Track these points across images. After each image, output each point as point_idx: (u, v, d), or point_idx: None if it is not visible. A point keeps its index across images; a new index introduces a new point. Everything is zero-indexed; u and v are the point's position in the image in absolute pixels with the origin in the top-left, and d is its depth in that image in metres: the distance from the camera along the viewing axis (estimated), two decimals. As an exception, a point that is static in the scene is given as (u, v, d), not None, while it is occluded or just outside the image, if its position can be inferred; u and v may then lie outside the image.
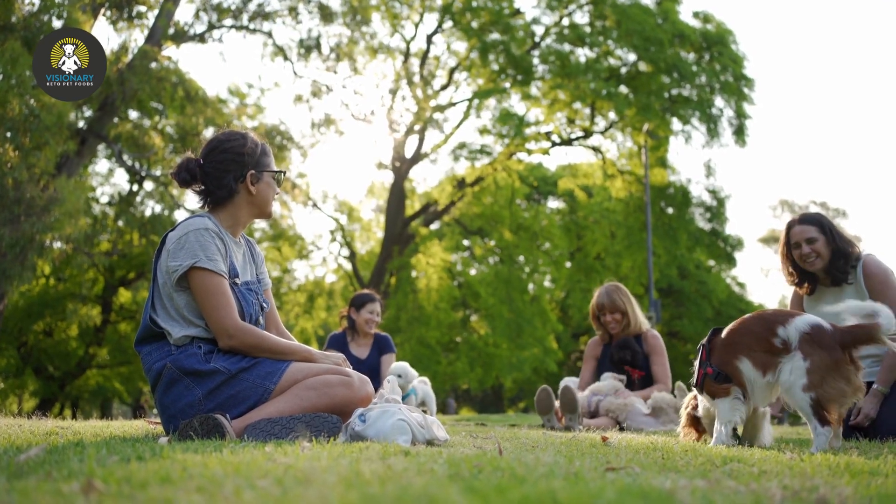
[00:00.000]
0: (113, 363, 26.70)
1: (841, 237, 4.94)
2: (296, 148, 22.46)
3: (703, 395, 3.88)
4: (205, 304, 3.56)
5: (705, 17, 23.62)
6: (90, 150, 18.13)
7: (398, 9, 23.87)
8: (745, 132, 23.03)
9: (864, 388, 3.57)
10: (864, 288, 4.89)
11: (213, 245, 3.60)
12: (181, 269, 3.53)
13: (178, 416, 3.53)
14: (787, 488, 1.82)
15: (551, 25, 23.32)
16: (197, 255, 3.55)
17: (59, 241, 16.08)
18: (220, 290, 3.57)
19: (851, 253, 4.91)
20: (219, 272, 3.57)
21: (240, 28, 20.16)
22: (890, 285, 4.83)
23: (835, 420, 3.48)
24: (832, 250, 4.92)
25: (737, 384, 3.67)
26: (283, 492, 1.58)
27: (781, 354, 3.54)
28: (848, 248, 4.91)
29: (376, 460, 2.20)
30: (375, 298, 7.60)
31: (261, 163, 3.84)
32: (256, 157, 3.84)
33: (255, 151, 3.85)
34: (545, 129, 23.97)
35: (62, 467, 1.93)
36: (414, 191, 27.15)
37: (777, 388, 3.59)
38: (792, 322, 3.58)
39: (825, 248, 4.94)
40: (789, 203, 40.65)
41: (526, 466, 2.17)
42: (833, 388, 3.43)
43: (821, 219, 5.02)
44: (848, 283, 4.93)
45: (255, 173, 3.82)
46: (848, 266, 4.91)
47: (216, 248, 3.61)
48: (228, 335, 3.56)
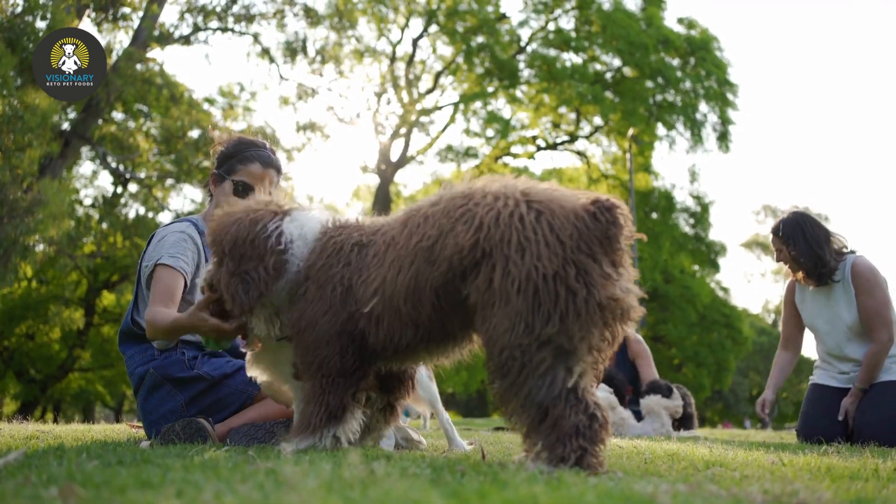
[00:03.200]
0: (95, 366, 26.50)
1: (813, 240, 4.91)
2: (281, 151, 22.41)
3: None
4: (151, 294, 3.46)
5: (690, 23, 23.74)
6: (74, 151, 18.03)
7: (384, 12, 23.87)
8: (729, 138, 23.19)
9: None
10: (852, 287, 4.90)
11: (183, 246, 3.55)
12: (149, 268, 3.51)
13: (160, 422, 3.50)
14: (768, 492, 1.83)
15: (537, 30, 23.39)
16: (163, 252, 3.51)
17: (43, 244, 15.98)
18: (167, 283, 3.44)
19: (825, 254, 4.90)
20: (177, 268, 3.48)
21: (225, 30, 20.10)
22: (876, 285, 4.85)
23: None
24: (805, 255, 4.92)
25: None
26: (263, 496, 1.57)
27: None
28: (821, 251, 4.89)
29: (358, 465, 2.19)
30: None
31: (231, 168, 3.73)
32: (228, 161, 3.76)
33: (226, 154, 3.77)
34: (531, 134, 24.03)
35: (41, 472, 1.91)
36: (399, 194, 27.13)
37: None
38: None
39: (792, 257, 4.96)
40: (772, 208, 40.94)
41: (508, 471, 2.17)
42: None
43: (790, 226, 5.00)
44: (834, 281, 4.94)
45: (216, 174, 3.77)
46: (825, 267, 4.91)
47: (186, 249, 3.56)
48: (146, 322, 3.38)
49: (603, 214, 2.27)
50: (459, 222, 2.37)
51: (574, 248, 2.21)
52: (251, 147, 3.76)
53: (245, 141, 3.80)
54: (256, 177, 3.69)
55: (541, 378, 2.20)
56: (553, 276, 2.18)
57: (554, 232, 2.22)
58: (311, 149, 39.95)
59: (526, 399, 2.22)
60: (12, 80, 12.71)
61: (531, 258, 2.20)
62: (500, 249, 2.26)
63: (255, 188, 3.66)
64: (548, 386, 2.19)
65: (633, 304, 2.29)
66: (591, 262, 2.21)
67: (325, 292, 2.68)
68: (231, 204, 3.08)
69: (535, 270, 2.19)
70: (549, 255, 2.19)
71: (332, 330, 2.66)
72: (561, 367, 2.20)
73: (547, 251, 2.20)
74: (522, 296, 2.19)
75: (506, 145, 23.32)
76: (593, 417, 2.19)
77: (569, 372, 2.20)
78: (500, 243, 2.26)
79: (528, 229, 2.24)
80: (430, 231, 2.43)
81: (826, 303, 5.02)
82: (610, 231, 2.26)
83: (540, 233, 2.22)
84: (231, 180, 3.69)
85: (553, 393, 2.18)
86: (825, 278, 4.93)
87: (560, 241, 2.21)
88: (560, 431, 2.17)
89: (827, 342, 5.08)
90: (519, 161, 25.85)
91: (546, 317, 2.17)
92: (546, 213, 2.26)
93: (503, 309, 2.23)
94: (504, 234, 2.26)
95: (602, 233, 2.25)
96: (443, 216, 2.43)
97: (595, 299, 2.19)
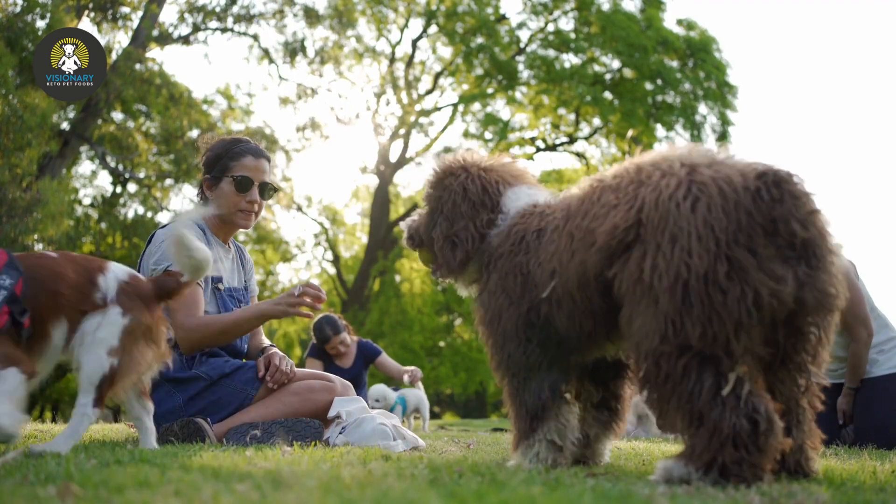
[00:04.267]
0: (94, 366, 26.45)
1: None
2: (281, 151, 22.41)
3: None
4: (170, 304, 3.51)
5: (689, 24, 23.71)
6: (73, 151, 18.00)
7: (384, 13, 23.87)
8: (729, 139, 23.14)
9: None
10: None
11: None
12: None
13: (159, 422, 3.50)
14: (766, 494, 1.83)
15: (536, 31, 23.38)
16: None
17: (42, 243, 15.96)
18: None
19: None
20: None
21: (224, 30, 20.09)
22: (850, 285, 4.85)
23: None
24: None
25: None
26: (261, 496, 1.57)
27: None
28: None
29: (357, 465, 2.19)
30: (336, 332, 7.09)
31: (225, 167, 3.78)
32: (218, 162, 3.79)
33: (214, 157, 3.81)
34: (530, 135, 24.02)
35: (39, 471, 1.91)
36: (399, 195, 27.12)
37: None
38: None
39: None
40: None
41: (506, 472, 2.17)
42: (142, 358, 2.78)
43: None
44: None
45: (209, 179, 3.80)
46: None
47: None
48: (185, 332, 3.49)
49: (769, 191, 2.02)
50: (623, 200, 2.18)
51: (731, 241, 1.98)
52: (237, 143, 3.82)
53: (228, 140, 3.86)
54: (251, 168, 3.76)
55: (691, 387, 2.01)
56: (704, 274, 1.98)
57: (710, 224, 2.00)
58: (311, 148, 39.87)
59: (681, 412, 2.04)
60: (12, 80, 12.68)
61: (681, 252, 2.00)
62: (653, 237, 2.07)
63: (254, 179, 3.72)
64: (699, 395, 2.00)
65: (818, 291, 2.06)
66: (748, 255, 1.97)
67: (507, 282, 2.53)
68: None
69: (685, 266, 1.99)
70: (699, 251, 1.98)
71: (514, 325, 2.49)
72: (709, 374, 2.00)
73: (698, 245, 1.99)
74: (669, 295, 2.01)
75: (505, 146, 23.28)
76: (755, 423, 1.98)
77: (721, 377, 2.00)
78: (655, 230, 2.07)
79: (682, 216, 2.04)
80: (598, 210, 2.26)
81: None
82: (776, 211, 2.01)
83: (693, 223, 2.01)
84: (230, 177, 3.72)
85: (705, 400, 1.99)
86: None
87: (714, 233, 1.99)
88: (719, 437, 1.98)
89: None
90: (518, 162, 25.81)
91: (691, 320, 1.99)
92: (703, 198, 2.03)
93: (649, 308, 2.06)
94: (662, 221, 2.07)
95: (765, 216, 2.01)
96: (612, 192, 2.25)
97: (749, 299, 1.96)
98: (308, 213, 28.48)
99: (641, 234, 2.10)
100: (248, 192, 3.74)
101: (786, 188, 2.02)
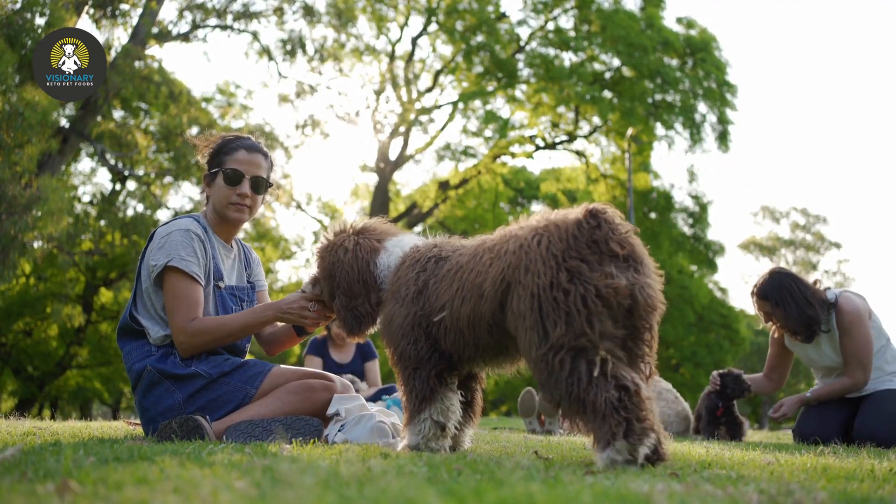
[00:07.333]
0: (93, 363, 26.46)
1: (802, 300, 4.87)
2: (280, 148, 22.38)
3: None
4: (168, 303, 3.53)
5: (689, 23, 23.71)
6: (72, 148, 17.99)
7: (384, 11, 23.84)
8: (728, 138, 23.14)
9: None
10: (835, 328, 4.93)
11: (191, 246, 3.57)
12: (158, 268, 3.52)
13: (158, 419, 3.51)
14: (764, 492, 1.83)
15: (536, 29, 23.35)
16: (172, 254, 3.52)
17: (41, 241, 15.95)
18: (186, 292, 3.52)
19: (816, 312, 4.86)
20: (190, 273, 3.53)
21: (224, 28, 20.06)
22: (859, 324, 4.85)
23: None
24: (796, 319, 4.90)
25: None
26: (260, 494, 1.57)
27: None
28: (811, 311, 4.85)
29: (356, 462, 2.19)
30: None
31: (220, 162, 3.77)
32: (216, 157, 3.79)
33: (212, 153, 3.81)
34: (529, 133, 24.00)
35: (38, 468, 1.91)
36: (398, 193, 27.10)
37: None
38: None
39: (784, 318, 4.94)
40: (770, 209, 40.79)
41: (505, 469, 2.17)
42: None
43: (776, 289, 4.96)
44: (823, 332, 4.96)
45: (208, 174, 3.81)
46: (816, 325, 4.90)
47: (194, 250, 3.58)
48: (186, 336, 3.50)
49: (587, 221, 2.55)
50: (496, 259, 2.68)
51: (566, 257, 2.48)
52: (234, 140, 3.82)
53: (227, 136, 3.86)
54: (244, 162, 3.75)
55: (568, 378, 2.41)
56: (549, 284, 2.45)
57: (549, 250, 2.51)
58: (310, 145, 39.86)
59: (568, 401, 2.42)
60: (11, 77, 12.67)
61: (533, 276, 2.49)
62: (515, 276, 2.57)
63: (245, 173, 3.70)
64: (577, 383, 2.39)
65: (645, 291, 2.52)
66: (581, 263, 2.46)
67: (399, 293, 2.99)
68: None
69: (536, 285, 2.47)
70: (543, 270, 2.48)
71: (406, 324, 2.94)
72: (580, 363, 2.40)
73: (543, 266, 2.48)
74: (530, 309, 2.48)
75: (504, 144, 23.29)
76: (623, 389, 2.37)
77: (591, 364, 2.40)
78: (516, 271, 2.57)
79: (531, 252, 2.54)
80: (481, 268, 2.73)
81: (816, 350, 5.07)
82: (595, 234, 2.52)
83: (539, 253, 2.52)
84: (221, 170, 3.73)
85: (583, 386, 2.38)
86: (814, 336, 4.95)
87: (553, 254, 2.49)
88: (599, 414, 2.35)
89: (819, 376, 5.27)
90: (517, 160, 25.85)
91: (551, 322, 2.43)
92: (545, 235, 2.56)
93: (524, 326, 2.51)
94: (519, 261, 2.57)
95: (588, 237, 2.52)
96: (489, 252, 2.74)
97: (591, 293, 2.42)
98: (308, 211, 28.46)
99: (511, 278, 2.59)
100: (238, 185, 3.71)
101: (602, 218, 2.55)
